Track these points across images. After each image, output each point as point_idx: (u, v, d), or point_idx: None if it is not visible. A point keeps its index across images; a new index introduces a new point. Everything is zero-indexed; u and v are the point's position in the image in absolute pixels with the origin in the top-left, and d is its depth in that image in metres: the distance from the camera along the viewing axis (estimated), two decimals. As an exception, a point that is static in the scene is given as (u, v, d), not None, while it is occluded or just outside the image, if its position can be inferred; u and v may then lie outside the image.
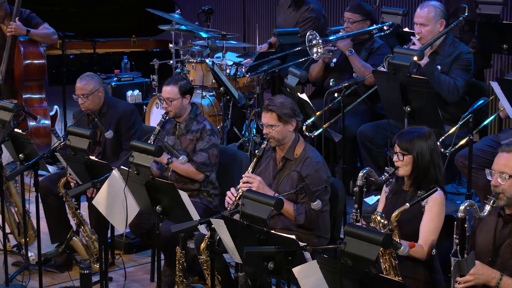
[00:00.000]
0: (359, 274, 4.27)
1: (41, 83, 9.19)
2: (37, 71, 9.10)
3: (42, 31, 9.09)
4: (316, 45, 7.43)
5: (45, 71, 9.16)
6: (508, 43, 7.58)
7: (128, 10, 11.63)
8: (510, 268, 4.66)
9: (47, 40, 9.21)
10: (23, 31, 8.94)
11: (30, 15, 9.14)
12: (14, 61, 9.04)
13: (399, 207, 4.99)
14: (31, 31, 8.99)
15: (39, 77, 9.16)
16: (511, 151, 4.69)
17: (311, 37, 7.44)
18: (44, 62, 9.15)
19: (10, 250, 7.17)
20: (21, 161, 6.55)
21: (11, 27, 8.85)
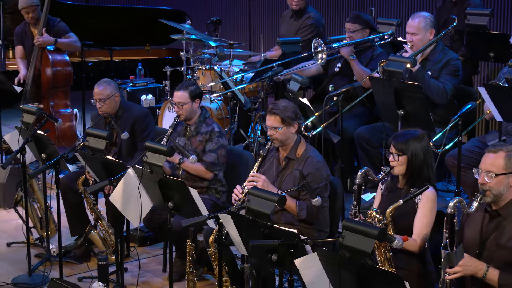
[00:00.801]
0: (356, 266, 4.26)
1: (66, 90, 9.24)
2: (64, 78, 9.14)
3: (68, 40, 9.12)
4: (321, 51, 7.44)
5: (71, 78, 9.19)
6: (494, 52, 7.57)
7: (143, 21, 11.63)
8: (496, 260, 4.65)
9: (72, 48, 9.24)
10: (51, 42, 8.95)
11: (59, 24, 9.15)
12: (41, 68, 9.05)
13: (394, 203, 5.00)
14: (58, 41, 9.00)
15: (65, 84, 9.20)
16: (497, 152, 4.69)
17: (316, 44, 7.45)
18: (70, 70, 9.19)
19: (33, 243, 7.17)
20: (43, 160, 6.56)
21: (38, 40, 8.87)
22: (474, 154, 6.35)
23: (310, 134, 6.94)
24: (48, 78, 9.06)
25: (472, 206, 4.60)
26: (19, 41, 9.32)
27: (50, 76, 9.04)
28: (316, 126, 7.03)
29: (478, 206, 4.64)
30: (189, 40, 9.73)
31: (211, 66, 9.21)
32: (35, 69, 9.07)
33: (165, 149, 5.58)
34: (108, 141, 6.26)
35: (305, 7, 9.08)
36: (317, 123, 7.01)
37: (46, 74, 9.08)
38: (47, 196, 7.07)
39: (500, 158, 4.66)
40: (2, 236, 7.70)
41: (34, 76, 9.07)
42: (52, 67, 9.04)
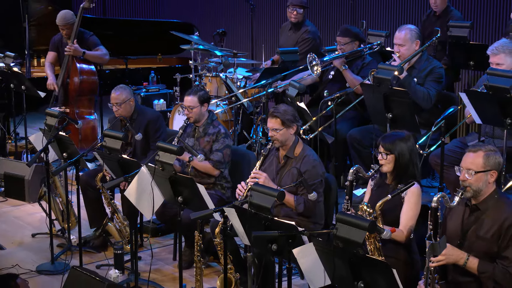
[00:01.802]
0: (349, 255, 4.26)
1: (91, 98, 9.22)
2: (90, 87, 9.15)
3: (96, 52, 9.10)
4: (316, 64, 7.45)
5: (96, 87, 9.18)
6: (474, 61, 7.57)
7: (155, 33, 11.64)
8: (475, 250, 4.65)
9: (100, 60, 9.24)
10: (80, 53, 8.96)
11: (91, 37, 9.16)
12: (71, 76, 9.07)
13: (383, 198, 5.00)
14: (86, 52, 8.99)
15: (90, 93, 9.19)
16: (476, 151, 4.69)
17: (311, 59, 7.46)
18: (96, 79, 9.18)
19: (55, 234, 7.17)
20: (65, 159, 6.56)
21: (69, 48, 8.88)
22: (456, 154, 6.35)
23: (308, 137, 6.95)
24: (76, 86, 9.07)
25: (454, 201, 4.60)
26: (54, 48, 9.30)
27: (77, 84, 9.05)
28: (313, 128, 7.04)
29: (459, 201, 4.64)
30: (197, 50, 9.73)
31: (217, 74, 9.21)
32: (64, 77, 9.08)
33: (175, 148, 5.57)
34: (124, 141, 6.26)
35: (302, 21, 9.07)
36: (314, 126, 7.02)
37: (74, 82, 9.08)
38: (68, 191, 7.08)
39: (479, 157, 4.66)
40: (27, 228, 7.71)
41: (63, 82, 9.07)
42: (79, 75, 9.05)
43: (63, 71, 9.03)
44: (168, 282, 6.43)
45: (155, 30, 11.69)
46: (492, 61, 6.29)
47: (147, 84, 10.59)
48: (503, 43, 6.39)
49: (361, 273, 4.25)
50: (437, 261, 4.53)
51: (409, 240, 5.15)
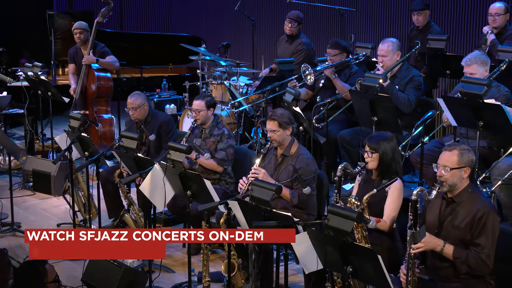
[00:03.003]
0: (339, 243, 4.27)
1: (108, 99, 9.28)
2: (106, 91, 9.18)
3: (108, 60, 9.15)
4: (309, 74, 7.44)
5: (111, 90, 9.24)
6: (450, 70, 7.57)
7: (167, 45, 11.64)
8: (451, 238, 4.66)
9: (111, 67, 9.26)
10: (93, 61, 9.00)
11: (103, 48, 9.21)
12: (89, 82, 9.09)
13: (369, 192, 5.01)
14: (99, 60, 9.04)
15: (107, 95, 9.23)
16: (451, 150, 4.71)
17: (304, 69, 7.45)
18: (111, 84, 9.23)
19: (78, 224, 7.18)
20: (86, 157, 6.56)
21: (84, 59, 8.93)
22: (434, 153, 6.35)
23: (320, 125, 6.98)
24: (93, 90, 9.09)
25: (432, 194, 4.62)
26: (71, 60, 9.35)
27: (95, 88, 9.08)
28: (307, 130, 7.05)
29: (436, 194, 4.66)
30: (204, 60, 9.74)
31: (221, 81, 9.21)
32: (83, 83, 9.10)
33: (184, 148, 5.58)
34: (139, 141, 6.26)
35: (297, 34, 9.07)
36: (308, 128, 7.03)
37: (92, 87, 9.11)
38: (90, 186, 7.07)
39: (454, 156, 4.67)
40: (53, 218, 7.72)
41: (82, 89, 9.10)
42: (96, 81, 9.08)
43: (82, 79, 9.06)
44: (178, 266, 6.44)
45: (167, 43, 11.69)
46: (466, 70, 6.29)
47: (159, 91, 10.60)
48: (476, 55, 6.40)
49: (349, 258, 4.25)
50: (417, 248, 4.53)
51: (392, 229, 5.16)
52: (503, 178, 5.63)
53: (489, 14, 7.75)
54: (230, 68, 9.19)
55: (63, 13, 11.43)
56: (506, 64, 6.73)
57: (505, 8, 7.69)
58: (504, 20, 7.69)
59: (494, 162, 5.82)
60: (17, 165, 9.07)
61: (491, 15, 7.72)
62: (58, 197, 8.12)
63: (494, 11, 7.71)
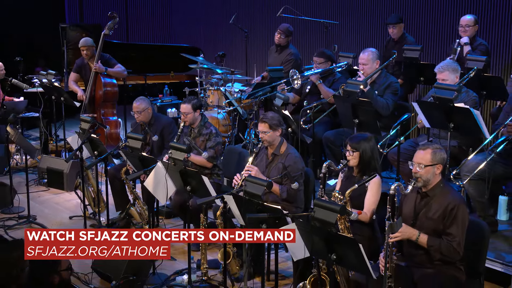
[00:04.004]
0: (324, 233, 4.27)
1: (113, 103, 9.27)
2: (112, 96, 9.19)
3: (116, 69, 9.16)
4: (296, 78, 7.44)
5: (117, 95, 9.24)
6: (424, 77, 7.57)
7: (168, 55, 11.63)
8: (425, 228, 4.67)
9: (119, 75, 9.27)
10: (103, 70, 8.99)
11: (109, 58, 9.21)
12: (96, 88, 9.08)
13: (350, 187, 5.01)
14: (108, 69, 9.04)
15: (113, 100, 9.23)
16: (425, 149, 4.71)
17: (292, 74, 7.44)
18: (117, 90, 9.23)
19: (88, 216, 7.17)
20: (96, 156, 6.55)
21: (95, 67, 8.93)
22: (409, 151, 6.36)
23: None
24: (101, 95, 9.09)
25: (408, 189, 4.62)
26: (77, 70, 9.34)
27: (102, 94, 9.08)
28: (295, 132, 7.04)
29: (412, 189, 4.66)
30: (202, 68, 9.72)
31: (218, 87, 9.19)
32: (91, 89, 9.09)
33: (184, 147, 5.57)
34: (143, 142, 6.26)
35: (286, 45, 9.06)
36: (296, 129, 7.02)
37: (99, 92, 9.11)
38: (99, 182, 7.06)
39: (428, 154, 4.68)
40: (66, 212, 7.70)
41: (90, 94, 9.09)
42: (103, 87, 9.07)
43: (90, 85, 9.05)
44: (179, 254, 6.42)
45: (168, 53, 11.68)
46: (438, 77, 6.30)
47: (162, 96, 10.58)
48: (447, 63, 6.41)
49: (333, 247, 4.25)
50: (394, 237, 4.54)
51: (372, 220, 5.16)
52: (471, 174, 5.64)
53: (460, 25, 7.76)
54: (225, 75, 9.18)
55: (74, 26, 11.41)
56: (474, 72, 6.76)
57: (474, 20, 7.70)
58: (473, 31, 7.70)
59: (463, 160, 5.83)
60: (33, 163, 9.04)
61: (462, 26, 7.73)
62: (70, 192, 8.10)
63: (465, 23, 7.71)
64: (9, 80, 9.14)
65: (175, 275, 6.01)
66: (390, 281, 4.49)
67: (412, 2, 9.69)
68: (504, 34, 8.72)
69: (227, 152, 7.33)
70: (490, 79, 6.93)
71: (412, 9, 9.69)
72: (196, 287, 5.77)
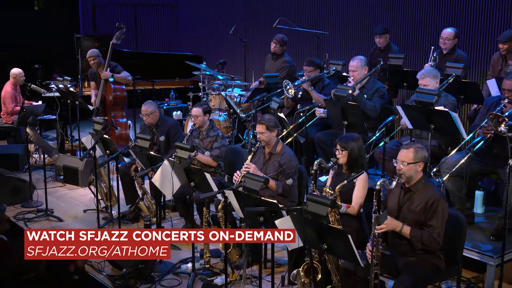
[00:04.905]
0: (316, 224, 4.27)
1: (123, 106, 9.27)
2: (122, 100, 9.19)
3: (122, 75, 9.16)
4: (290, 88, 7.44)
5: (126, 99, 9.24)
6: (407, 82, 7.58)
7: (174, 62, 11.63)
8: (408, 220, 4.67)
9: (125, 81, 9.27)
10: (109, 76, 9.01)
11: (116, 66, 9.21)
12: (107, 93, 9.08)
13: (340, 183, 5.01)
14: (114, 75, 9.04)
15: (122, 103, 9.22)
16: (408, 148, 4.72)
17: (285, 84, 7.44)
18: (125, 94, 9.24)
19: (101, 210, 7.16)
20: (108, 155, 6.54)
21: (103, 74, 8.94)
22: (394, 150, 6.36)
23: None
24: (110, 99, 9.09)
25: (392, 184, 4.62)
26: (91, 78, 9.37)
27: (111, 98, 9.07)
28: (289, 133, 7.05)
29: (396, 184, 4.67)
30: (204, 75, 9.73)
31: (219, 92, 9.19)
32: (102, 95, 9.09)
33: (189, 147, 5.57)
34: (151, 142, 6.25)
35: (281, 53, 9.05)
36: (290, 131, 7.03)
37: (109, 97, 9.11)
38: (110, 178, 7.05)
39: (411, 152, 4.68)
40: (80, 205, 7.70)
41: (101, 98, 9.09)
42: (113, 92, 9.07)
43: (101, 91, 9.07)
44: (184, 245, 6.42)
45: (174, 61, 11.68)
46: (420, 83, 6.30)
47: (168, 100, 10.59)
48: (428, 70, 6.42)
49: (325, 237, 4.25)
50: (380, 229, 4.54)
51: (360, 213, 5.16)
52: (450, 171, 5.64)
53: (441, 37, 7.76)
54: (226, 81, 9.18)
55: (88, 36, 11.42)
56: (453, 78, 6.77)
57: (454, 34, 7.72)
58: (452, 44, 7.72)
59: (443, 158, 5.83)
60: (50, 161, 9.03)
61: (442, 38, 7.73)
62: (84, 187, 8.09)
63: (446, 35, 7.72)
64: (29, 86, 9.13)
65: (180, 263, 6.01)
66: (376, 268, 4.49)
67: (397, 15, 9.70)
68: (481, 45, 8.74)
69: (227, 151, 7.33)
70: (467, 85, 6.94)
71: (397, 21, 9.70)
72: (200, 274, 5.77)
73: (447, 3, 9.07)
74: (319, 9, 10.95)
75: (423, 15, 9.34)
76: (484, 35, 8.70)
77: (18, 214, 7.35)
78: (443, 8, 9.10)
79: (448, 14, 9.03)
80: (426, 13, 9.31)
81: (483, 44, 8.72)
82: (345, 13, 10.54)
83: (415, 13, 9.46)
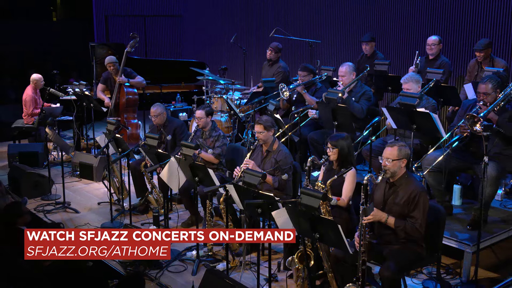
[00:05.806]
0: (309, 216, 4.27)
1: (134, 108, 9.24)
2: (133, 103, 9.14)
3: (137, 80, 9.12)
4: (285, 90, 7.43)
5: (137, 102, 9.21)
6: (392, 86, 7.57)
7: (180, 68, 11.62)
8: (393, 212, 4.67)
9: (140, 85, 9.24)
10: (125, 81, 8.98)
11: (131, 72, 9.19)
12: (120, 96, 9.06)
13: (331, 178, 5.01)
14: (130, 80, 9.02)
15: (134, 105, 9.20)
16: (392, 146, 4.71)
17: (281, 87, 7.43)
18: (137, 98, 9.21)
19: (113, 202, 7.15)
20: (120, 152, 6.54)
21: (119, 79, 8.92)
22: (379, 148, 6.36)
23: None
24: (124, 102, 9.06)
25: (378, 179, 4.62)
26: (103, 81, 9.32)
27: (125, 101, 9.05)
28: (285, 132, 7.04)
29: (382, 179, 4.67)
30: (207, 79, 9.71)
31: (221, 95, 9.18)
32: (116, 98, 9.07)
33: (193, 145, 5.56)
34: (159, 141, 6.25)
35: (277, 60, 9.02)
36: (286, 131, 7.02)
37: (122, 100, 9.08)
38: (122, 173, 7.04)
39: (395, 150, 4.68)
40: (95, 198, 7.69)
41: (115, 101, 9.07)
42: (126, 95, 9.04)
43: (115, 94, 9.04)
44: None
45: (180, 67, 11.66)
46: (404, 87, 6.30)
47: (174, 102, 10.57)
48: (411, 75, 6.42)
49: (317, 227, 4.25)
50: (367, 219, 4.54)
51: (349, 205, 5.16)
52: (430, 167, 5.65)
53: (427, 44, 7.75)
54: (227, 85, 9.17)
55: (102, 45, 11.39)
56: (433, 82, 6.77)
57: (438, 40, 7.72)
58: (437, 49, 7.72)
59: (424, 155, 5.83)
60: (67, 158, 9.03)
61: (429, 44, 7.73)
62: (98, 182, 8.08)
63: (431, 42, 7.72)
64: (48, 90, 9.12)
65: (185, 251, 6.01)
66: (363, 255, 4.49)
67: (383, 24, 9.70)
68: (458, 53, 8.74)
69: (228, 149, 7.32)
70: (446, 89, 6.94)
71: (383, 30, 9.69)
72: (203, 261, 5.77)
73: (428, 15, 9.07)
74: (312, 20, 10.95)
75: (407, 25, 9.34)
76: (461, 44, 8.70)
77: (38, 206, 7.34)
78: (425, 20, 9.10)
79: (429, 25, 9.03)
80: (409, 24, 9.31)
81: (461, 52, 8.73)
82: (335, 24, 10.54)
83: (399, 23, 9.46)
